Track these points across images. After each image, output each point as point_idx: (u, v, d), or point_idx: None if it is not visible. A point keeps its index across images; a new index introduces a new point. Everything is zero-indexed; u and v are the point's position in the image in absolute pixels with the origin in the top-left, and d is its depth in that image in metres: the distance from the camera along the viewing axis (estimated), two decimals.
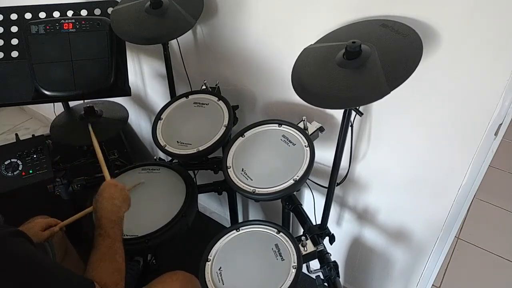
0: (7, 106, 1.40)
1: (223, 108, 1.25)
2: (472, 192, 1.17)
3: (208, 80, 1.35)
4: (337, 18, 1.01)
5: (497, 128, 0.95)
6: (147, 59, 1.65)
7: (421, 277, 1.36)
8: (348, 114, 0.96)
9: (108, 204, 0.95)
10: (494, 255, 1.88)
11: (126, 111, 1.52)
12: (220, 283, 0.98)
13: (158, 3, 1.21)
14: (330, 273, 1.06)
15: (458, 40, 0.86)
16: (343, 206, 1.42)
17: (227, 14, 1.26)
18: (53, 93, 1.30)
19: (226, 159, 1.12)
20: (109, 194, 0.97)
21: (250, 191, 1.03)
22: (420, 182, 1.15)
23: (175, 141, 1.20)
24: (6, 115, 2.83)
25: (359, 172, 1.27)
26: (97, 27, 1.30)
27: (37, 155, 1.37)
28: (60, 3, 1.38)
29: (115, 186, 1.00)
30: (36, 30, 1.28)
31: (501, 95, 0.87)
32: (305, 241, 1.07)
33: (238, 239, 1.08)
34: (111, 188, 0.99)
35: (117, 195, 0.98)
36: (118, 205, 0.97)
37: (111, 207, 0.95)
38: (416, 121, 1.05)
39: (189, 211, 1.17)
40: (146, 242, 1.09)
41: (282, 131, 1.15)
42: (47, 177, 1.34)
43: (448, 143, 1.03)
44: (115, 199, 0.97)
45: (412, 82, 0.80)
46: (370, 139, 1.17)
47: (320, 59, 0.94)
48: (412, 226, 1.27)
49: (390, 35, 0.87)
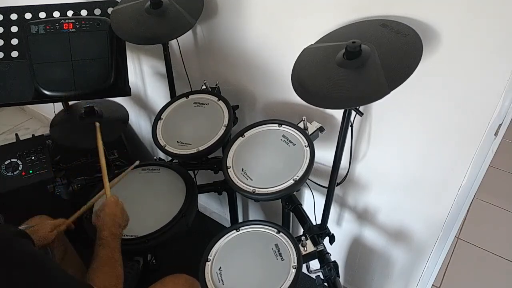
0: (7, 106, 1.40)
1: (223, 108, 1.25)
2: (472, 192, 1.17)
3: (208, 80, 1.35)
4: (337, 18, 1.01)
5: (497, 128, 0.95)
6: (147, 59, 1.65)
7: (421, 277, 1.36)
8: (348, 114, 0.97)
9: (110, 219, 1.00)
10: (494, 255, 1.88)
11: (126, 111, 1.52)
12: (220, 283, 0.98)
13: (158, 3, 1.21)
14: (330, 273, 1.06)
15: (458, 40, 0.86)
16: (343, 206, 1.42)
17: (227, 14, 1.26)
18: (53, 93, 1.30)
19: (226, 159, 1.12)
20: (110, 210, 1.02)
21: (250, 191, 1.03)
22: (420, 182, 1.15)
23: (175, 141, 1.20)
24: (6, 115, 2.84)
25: (359, 172, 1.27)
26: (97, 27, 1.30)
27: (37, 155, 1.36)
28: (60, 3, 1.38)
29: (116, 206, 1.05)
30: (36, 30, 1.28)
31: (501, 95, 0.87)
32: (305, 241, 1.07)
33: (238, 239, 1.08)
34: (113, 207, 1.04)
35: (118, 214, 1.03)
36: (118, 221, 1.01)
37: (112, 222, 1.00)
38: (416, 121, 1.05)
39: (189, 211, 1.17)
40: (146, 242, 1.09)
41: (282, 131, 1.15)
42: (47, 177, 1.33)
43: (448, 143, 1.03)
44: (116, 215, 1.02)
45: (412, 82, 0.80)
46: (370, 139, 1.17)
47: (320, 59, 0.94)
48: (412, 226, 1.27)
49: (390, 35, 0.87)
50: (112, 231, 0.97)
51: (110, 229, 0.98)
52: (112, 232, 0.97)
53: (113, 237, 0.97)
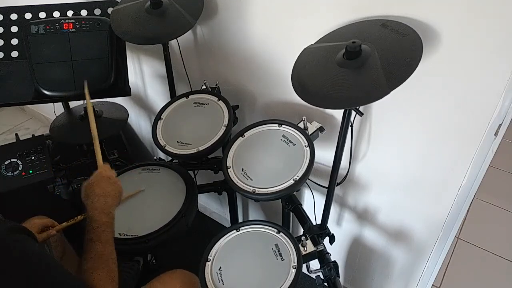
0: (7, 106, 1.40)
1: (223, 108, 1.25)
2: (472, 192, 1.17)
3: (208, 80, 1.35)
4: (337, 18, 1.01)
5: (497, 128, 0.95)
6: (147, 59, 1.65)
7: (421, 277, 1.36)
8: (348, 114, 0.97)
9: (100, 202, 0.91)
10: (494, 255, 1.88)
11: (126, 111, 1.52)
12: (220, 283, 0.98)
13: (158, 3, 1.21)
14: (330, 273, 1.07)
15: (458, 40, 0.86)
16: (343, 206, 1.42)
17: (227, 14, 1.26)
18: (53, 93, 1.30)
19: (226, 159, 1.12)
20: (101, 189, 0.92)
21: (250, 191, 1.03)
22: (420, 182, 1.15)
23: (175, 141, 1.20)
24: (6, 115, 2.84)
25: (359, 172, 1.27)
26: (97, 27, 1.30)
27: (37, 155, 1.36)
28: (60, 3, 1.38)
29: (108, 180, 0.95)
30: (36, 30, 1.28)
31: (501, 95, 0.87)
32: (305, 241, 1.07)
33: (238, 239, 1.08)
34: (104, 182, 0.94)
35: (110, 190, 0.93)
36: (110, 203, 0.92)
37: (103, 205, 0.91)
38: (416, 121, 1.05)
39: (189, 211, 1.17)
40: (146, 242, 1.09)
41: (282, 131, 1.15)
42: (47, 177, 1.33)
43: (448, 143, 1.03)
44: (107, 196, 0.92)
45: (412, 82, 0.80)
46: (370, 139, 1.17)
47: (320, 59, 0.94)
48: (412, 226, 1.27)
49: (390, 35, 0.87)
50: (103, 221, 0.88)
51: (101, 217, 0.88)
52: (102, 222, 0.88)
53: (104, 227, 0.88)
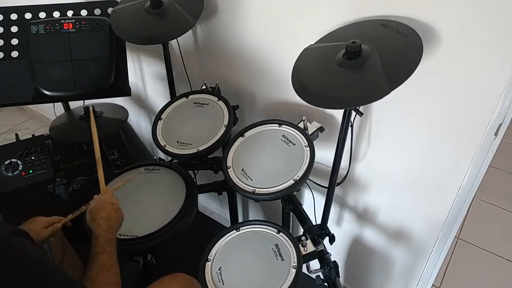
0: (7, 106, 1.39)
1: (223, 108, 1.25)
2: (472, 192, 1.17)
3: (208, 80, 1.35)
4: (337, 18, 1.01)
5: (497, 128, 0.95)
6: (147, 59, 1.65)
7: (421, 277, 1.36)
8: (348, 114, 0.97)
9: (105, 224, 0.97)
10: (494, 255, 1.88)
11: (126, 111, 1.52)
12: (220, 283, 0.98)
13: (158, 3, 1.21)
14: (330, 273, 1.07)
15: (458, 40, 0.86)
16: (343, 206, 1.42)
17: (227, 14, 1.26)
18: (53, 93, 1.30)
19: (226, 159, 1.12)
20: (106, 213, 1.00)
21: (250, 191, 1.03)
22: (420, 182, 1.15)
23: (175, 141, 1.20)
24: (6, 115, 2.84)
25: (359, 172, 1.27)
26: (97, 27, 1.29)
27: (37, 155, 1.36)
28: (60, 3, 1.38)
29: (112, 206, 1.02)
30: (36, 30, 1.27)
31: (501, 95, 0.87)
32: (305, 241, 1.07)
33: (238, 239, 1.08)
34: (108, 208, 1.01)
35: (114, 216, 1.01)
36: (113, 226, 0.99)
37: (108, 227, 0.97)
38: (416, 121, 1.05)
39: (189, 211, 1.17)
40: (146, 242, 1.10)
41: (282, 131, 1.15)
42: (47, 177, 1.33)
43: (448, 143, 1.03)
44: (111, 220, 0.99)
45: (412, 82, 0.80)
46: (370, 139, 1.17)
47: (320, 59, 0.94)
48: (412, 226, 1.27)
49: (390, 35, 0.87)
50: (108, 237, 0.96)
51: (106, 235, 0.96)
52: (107, 239, 0.96)
53: (109, 243, 0.95)
